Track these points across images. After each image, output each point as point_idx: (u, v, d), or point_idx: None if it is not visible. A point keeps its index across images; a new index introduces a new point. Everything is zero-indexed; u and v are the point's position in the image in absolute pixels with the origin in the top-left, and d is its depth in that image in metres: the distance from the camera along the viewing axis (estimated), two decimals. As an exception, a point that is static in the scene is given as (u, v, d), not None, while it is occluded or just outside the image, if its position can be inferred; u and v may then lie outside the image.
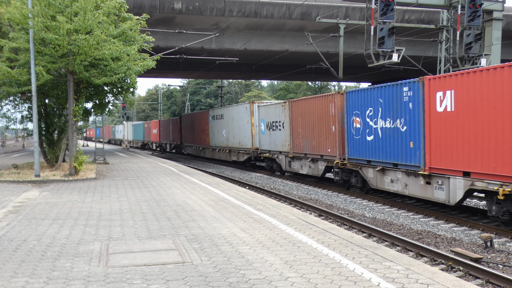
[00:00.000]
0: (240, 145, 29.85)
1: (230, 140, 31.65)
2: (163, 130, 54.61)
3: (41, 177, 17.74)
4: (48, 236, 8.47)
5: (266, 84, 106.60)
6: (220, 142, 33.95)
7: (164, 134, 53.76)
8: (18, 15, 16.28)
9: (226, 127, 32.37)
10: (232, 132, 31.20)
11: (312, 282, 5.80)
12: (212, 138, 35.96)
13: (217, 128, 34.64)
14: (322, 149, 20.17)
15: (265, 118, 26.18)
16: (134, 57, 19.07)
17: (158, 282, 5.85)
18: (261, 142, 27.07)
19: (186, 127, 44.35)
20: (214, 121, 35.14)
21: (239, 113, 29.88)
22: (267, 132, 25.89)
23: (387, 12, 20.08)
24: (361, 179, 17.73)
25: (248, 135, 28.39)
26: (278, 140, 24.50)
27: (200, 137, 39.27)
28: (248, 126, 28.39)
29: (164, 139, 53.86)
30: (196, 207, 11.39)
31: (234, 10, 29.11)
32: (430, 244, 10.92)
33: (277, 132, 24.64)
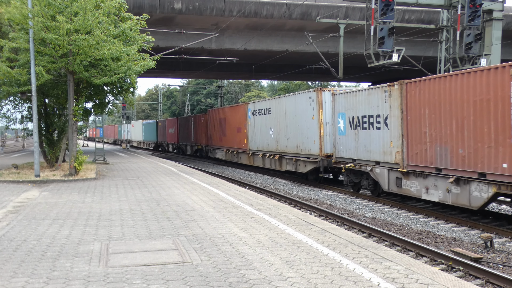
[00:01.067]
0: (300, 150, 21.70)
1: (282, 142, 23.65)
2: (182, 129, 46.64)
3: (41, 177, 17.74)
4: (48, 236, 8.47)
5: (266, 84, 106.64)
6: (265, 145, 25.85)
7: (184, 134, 46.11)
8: (18, 15, 16.28)
9: (274, 124, 24.45)
10: (285, 131, 23.30)
11: (312, 282, 5.80)
12: (253, 140, 27.74)
13: (260, 127, 26.66)
14: (484, 162, 11.72)
15: (347, 111, 17.92)
16: (134, 57, 19.07)
17: (158, 282, 5.85)
18: (338, 146, 18.67)
19: (214, 125, 35.74)
20: (256, 117, 27.08)
21: (298, 105, 21.89)
22: (349, 132, 17.81)
23: (387, 12, 20.08)
24: None
25: (313, 136, 20.37)
26: (374, 144, 16.31)
27: (234, 138, 31.06)
28: (313, 124, 20.34)
29: (184, 140, 46.23)
30: (196, 207, 11.39)
31: (234, 10, 29.11)
32: (430, 244, 10.92)
33: (372, 132, 16.39)
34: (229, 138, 32.11)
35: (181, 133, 47.06)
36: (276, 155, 24.32)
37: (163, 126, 54.70)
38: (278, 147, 24.18)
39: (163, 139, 55.06)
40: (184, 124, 46.11)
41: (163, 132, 55.06)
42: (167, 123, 52.88)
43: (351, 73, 37.45)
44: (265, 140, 25.85)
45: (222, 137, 33.72)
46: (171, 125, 50.72)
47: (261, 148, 26.59)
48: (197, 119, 41.82)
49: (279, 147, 24.01)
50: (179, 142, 48.18)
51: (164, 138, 54.38)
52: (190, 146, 44.24)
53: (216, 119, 35.16)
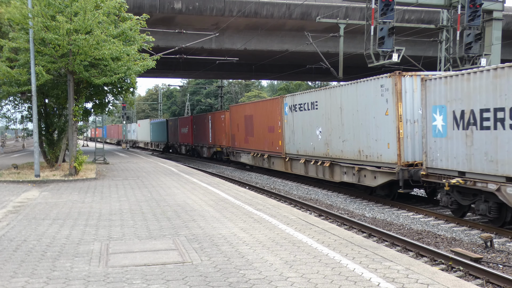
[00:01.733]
0: (364, 155, 16.65)
1: (335, 145, 18.53)
2: (197, 128, 41.65)
3: (41, 177, 17.74)
4: (48, 236, 8.47)
5: (266, 84, 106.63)
6: (309, 149, 20.68)
7: (200, 134, 41.04)
8: (18, 15, 16.28)
9: (323, 122, 19.37)
10: (339, 131, 18.23)
11: (312, 282, 5.80)
12: (291, 142, 22.62)
13: (301, 125, 21.46)
14: None
15: (451, 102, 12.77)
16: (134, 57, 19.07)
17: (158, 282, 5.85)
18: (433, 152, 13.52)
19: (238, 124, 30.38)
20: (296, 114, 21.93)
21: (361, 97, 16.73)
22: (454, 134, 12.70)
23: (387, 12, 20.09)
24: None
25: (386, 138, 15.40)
26: (505, 150, 11.11)
27: (264, 139, 25.92)
28: (386, 121, 15.36)
29: (200, 140, 41.14)
30: (196, 207, 11.39)
31: (234, 10, 29.11)
32: (430, 244, 10.92)
33: (503, 133, 11.17)
34: (258, 139, 26.88)
35: (196, 133, 42.08)
36: (326, 161, 19.07)
37: (175, 125, 49.59)
38: (328, 151, 18.99)
39: (175, 140, 49.97)
40: (199, 123, 41.09)
41: (174, 132, 50.01)
42: (180, 122, 47.93)
43: (351, 73, 37.43)
44: (309, 142, 20.65)
45: (248, 138, 28.46)
46: (184, 124, 45.70)
47: (302, 152, 21.33)
48: (216, 117, 36.68)
49: (331, 152, 18.81)
50: (193, 143, 43.03)
51: (176, 138, 49.23)
52: (207, 148, 39.07)
53: (240, 117, 29.75)
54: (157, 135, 56.97)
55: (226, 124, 33.48)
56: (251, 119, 27.81)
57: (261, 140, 26.40)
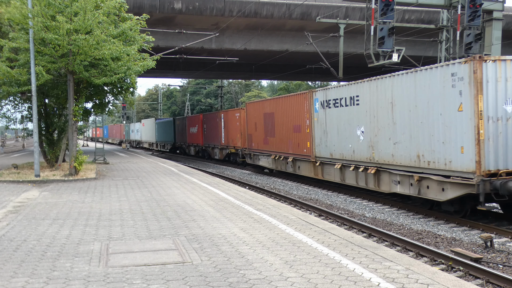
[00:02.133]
0: (425, 162, 13.43)
1: (384, 148, 15.31)
2: (208, 128, 38.22)
3: (41, 177, 17.74)
4: (48, 236, 8.47)
5: (266, 84, 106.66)
6: (347, 151, 17.54)
7: (211, 134, 37.68)
8: (18, 15, 16.29)
9: (367, 120, 16.18)
10: (389, 131, 15.01)
11: (312, 282, 5.80)
12: (322, 143, 19.41)
13: (336, 124, 18.30)
14: None
15: None
16: (134, 57, 19.09)
17: (158, 282, 5.85)
18: None
19: (255, 122, 27.14)
20: (329, 111, 18.81)
21: (422, 88, 13.52)
22: None
23: (387, 12, 20.08)
24: None
25: (458, 140, 12.26)
26: None
27: (289, 139, 22.82)
28: (460, 119, 12.23)
29: (211, 141, 37.71)
30: (196, 207, 11.39)
31: (234, 10, 29.11)
32: (430, 244, 10.92)
33: None
34: (280, 140, 23.69)
35: (207, 132, 38.64)
36: (371, 167, 15.87)
37: (183, 125, 46.17)
38: (374, 155, 15.80)
39: (183, 140, 46.56)
40: (210, 122, 37.73)
41: (182, 131, 46.51)
42: (188, 121, 44.61)
43: (351, 73, 37.44)
44: (347, 144, 17.52)
45: (269, 139, 25.17)
46: (193, 123, 42.39)
47: (338, 156, 18.17)
48: (229, 115, 33.41)
49: (377, 156, 15.61)
50: (204, 144, 39.64)
51: (184, 138, 45.93)
52: (219, 149, 35.67)
53: (258, 115, 26.52)
54: (163, 135, 53.35)
55: (241, 123, 30.34)
56: (272, 118, 24.50)
57: (284, 141, 23.24)
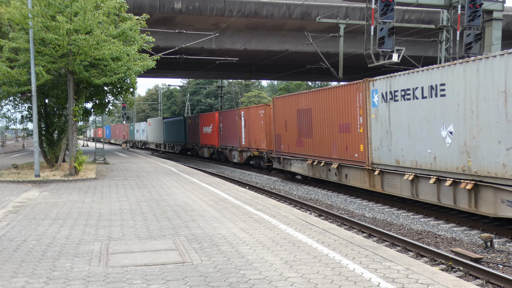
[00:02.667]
0: None
1: (488, 155, 11.47)
2: (225, 127, 33.97)
3: (41, 177, 17.74)
4: (48, 236, 8.47)
5: (266, 84, 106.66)
6: (424, 158, 13.66)
7: (229, 135, 33.33)
8: (18, 15, 16.28)
9: (458, 118, 12.41)
10: (499, 131, 11.18)
11: (312, 282, 5.80)
12: (383, 146, 15.59)
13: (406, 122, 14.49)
14: None
15: None
16: (134, 57, 19.08)
17: (158, 282, 5.85)
18: None
19: (285, 121, 22.89)
20: (394, 105, 15.00)
21: None
22: None
23: (387, 12, 20.08)
24: None
25: None
26: None
27: (332, 141, 18.83)
28: None
29: (228, 142, 33.62)
30: (196, 207, 11.39)
31: (234, 10, 29.11)
32: (430, 244, 10.92)
33: None
34: (320, 142, 19.63)
35: (224, 133, 34.33)
36: (465, 181, 12.09)
37: (195, 124, 42.17)
38: (470, 164, 11.95)
39: (195, 141, 42.64)
40: (228, 121, 33.45)
41: (194, 131, 42.56)
42: (201, 120, 40.23)
43: (351, 73, 37.46)
44: (424, 148, 13.62)
45: (303, 140, 21.17)
46: (207, 122, 38.15)
47: (408, 163, 14.33)
48: (251, 113, 29.19)
49: (476, 165, 11.77)
50: (220, 145, 35.52)
51: (196, 139, 41.86)
52: (239, 152, 31.36)
53: (290, 111, 22.45)
54: (173, 135, 49.24)
55: (266, 121, 26.43)
56: (309, 114, 20.51)
57: (326, 143, 19.07)
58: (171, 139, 49.86)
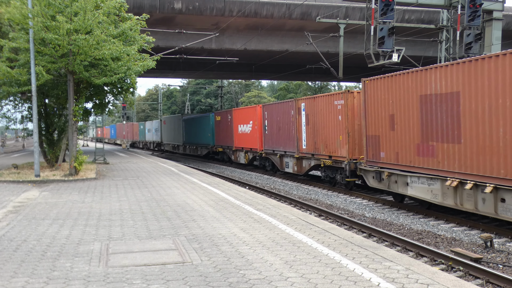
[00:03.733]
0: None
1: None
2: (274, 125, 26.01)
3: (41, 177, 17.74)
4: (48, 236, 8.47)
5: (266, 84, 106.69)
6: None
7: (280, 135, 25.23)
8: (18, 15, 16.28)
9: None
10: None
11: (312, 282, 5.80)
12: None
13: None
14: None
15: None
16: (134, 57, 19.08)
17: (158, 282, 5.85)
18: None
19: (391, 115, 15.52)
20: None
21: None
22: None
23: (387, 12, 20.08)
24: None
25: None
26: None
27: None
28: None
29: (278, 145, 25.48)
30: (196, 207, 11.39)
31: (234, 10, 29.11)
32: (430, 244, 10.92)
33: None
34: (479, 149, 11.76)
35: (271, 132, 26.23)
36: None
37: (226, 121, 33.83)
38: None
39: (226, 142, 33.96)
40: (278, 116, 25.40)
41: (225, 130, 34.21)
42: (236, 115, 31.72)
43: (351, 73, 37.46)
44: None
45: (434, 146, 13.49)
46: (245, 119, 29.97)
47: None
48: (318, 104, 21.22)
49: None
50: (264, 149, 27.26)
51: (228, 140, 33.33)
52: (296, 160, 23.31)
53: (404, 99, 14.87)
54: (195, 135, 41.12)
55: (348, 116, 18.80)
56: (452, 103, 12.67)
57: (498, 151, 11.20)
58: (194, 140, 41.55)
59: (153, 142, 59.05)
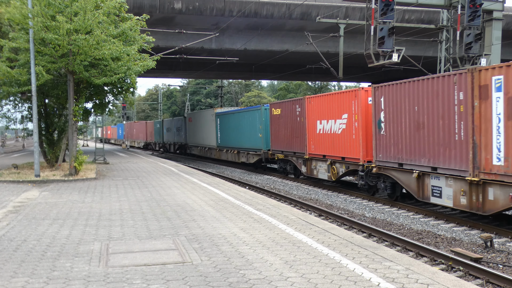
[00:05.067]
0: None
1: None
2: (398, 120, 15.05)
3: (41, 177, 17.74)
4: (48, 236, 8.47)
5: (266, 84, 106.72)
6: None
7: (420, 139, 14.01)
8: (18, 15, 16.28)
9: None
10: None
11: (312, 282, 5.80)
12: None
13: None
14: None
15: None
16: (134, 57, 19.08)
17: (158, 282, 5.85)
18: None
19: None
20: None
21: None
22: None
23: (387, 12, 20.07)
24: None
25: None
26: None
27: None
28: None
29: (413, 153, 14.36)
30: (196, 207, 11.39)
31: (234, 10, 29.11)
32: (430, 244, 10.92)
33: None
34: None
35: (397, 132, 15.28)
36: None
37: (292, 115, 23.33)
38: None
39: (293, 147, 23.25)
40: (406, 103, 14.75)
41: (292, 128, 23.40)
42: (312, 106, 21.37)
43: (351, 73, 37.48)
44: None
45: None
46: (331, 112, 19.73)
47: None
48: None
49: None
50: (376, 160, 16.45)
51: (297, 143, 22.73)
52: (458, 183, 12.60)
53: None
54: (236, 136, 31.05)
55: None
56: None
57: None
58: (234, 142, 31.68)
59: (173, 143, 49.81)
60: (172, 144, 50.80)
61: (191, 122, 43.03)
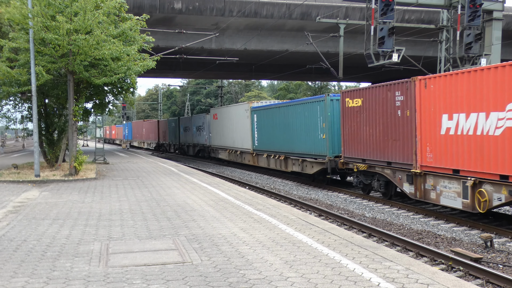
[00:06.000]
0: None
1: None
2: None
3: (41, 177, 17.74)
4: (48, 236, 8.47)
5: (266, 84, 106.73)
6: None
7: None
8: (18, 15, 16.28)
9: None
10: None
11: (312, 282, 5.80)
12: None
13: None
14: None
15: None
16: (134, 57, 19.08)
17: (158, 282, 5.85)
18: None
19: None
20: None
21: None
22: None
23: (387, 12, 20.09)
24: None
25: None
26: None
27: None
28: None
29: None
30: (196, 207, 11.39)
31: (234, 10, 29.11)
32: (430, 244, 10.92)
33: None
34: None
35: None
36: None
37: (387, 107, 15.39)
38: None
39: (386, 155, 15.50)
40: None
41: (371, 128, 16.38)
42: (433, 93, 13.32)
43: (351, 73, 37.48)
44: None
45: None
46: (476, 100, 11.73)
47: None
48: None
49: None
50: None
51: (397, 150, 14.94)
52: None
53: None
54: (283, 137, 24.06)
55: None
56: None
57: None
58: (278, 144, 24.68)
59: (193, 145, 42.77)
60: (191, 146, 43.36)
61: (216, 119, 35.54)
